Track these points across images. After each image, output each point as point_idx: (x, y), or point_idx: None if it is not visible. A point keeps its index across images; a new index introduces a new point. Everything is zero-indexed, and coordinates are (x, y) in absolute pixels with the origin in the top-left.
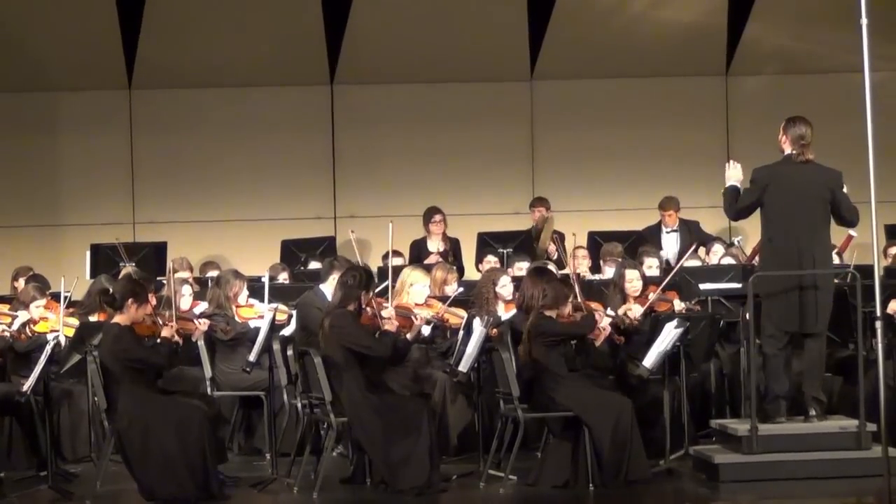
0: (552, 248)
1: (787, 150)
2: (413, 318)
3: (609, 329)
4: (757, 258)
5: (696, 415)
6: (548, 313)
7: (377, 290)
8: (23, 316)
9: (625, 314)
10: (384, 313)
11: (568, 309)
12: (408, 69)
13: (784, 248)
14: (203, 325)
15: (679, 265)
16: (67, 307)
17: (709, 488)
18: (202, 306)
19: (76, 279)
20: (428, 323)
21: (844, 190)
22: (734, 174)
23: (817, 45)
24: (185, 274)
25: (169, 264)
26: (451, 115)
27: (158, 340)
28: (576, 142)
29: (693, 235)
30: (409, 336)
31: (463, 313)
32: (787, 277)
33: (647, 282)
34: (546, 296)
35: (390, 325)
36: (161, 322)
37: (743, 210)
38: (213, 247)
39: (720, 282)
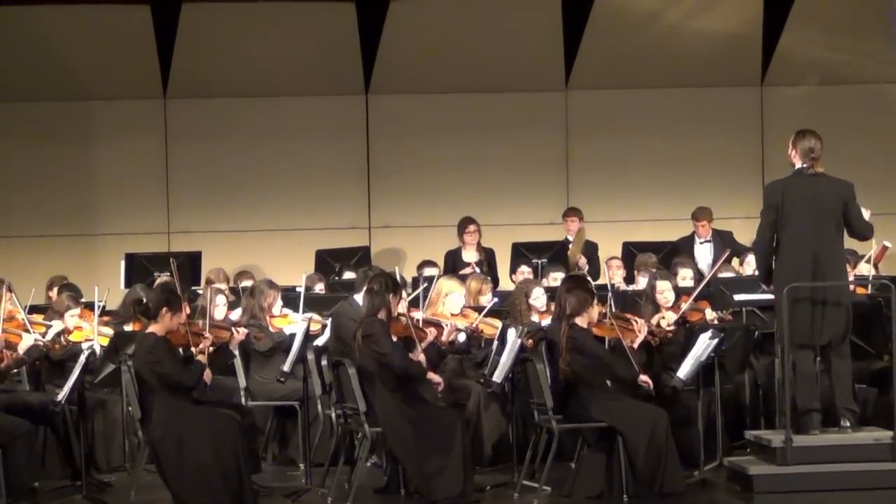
0: (582, 260)
1: (798, 163)
2: (445, 325)
3: (645, 333)
4: None
5: (730, 426)
6: (578, 321)
7: (409, 300)
8: (57, 325)
9: (657, 323)
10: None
11: (595, 312)
12: (442, 79)
13: (797, 261)
14: (241, 333)
15: (711, 274)
16: (102, 316)
17: (743, 499)
18: (236, 315)
19: (108, 290)
20: (459, 331)
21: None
22: None
23: (852, 55)
24: (221, 285)
25: (203, 275)
26: (486, 125)
27: (192, 357)
28: (610, 152)
29: (726, 246)
30: (442, 346)
31: (498, 323)
32: (800, 291)
33: (681, 293)
34: (569, 302)
35: (426, 335)
36: (194, 332)
37: (767, 232)
38: (247, 256)
39: (754, 293)
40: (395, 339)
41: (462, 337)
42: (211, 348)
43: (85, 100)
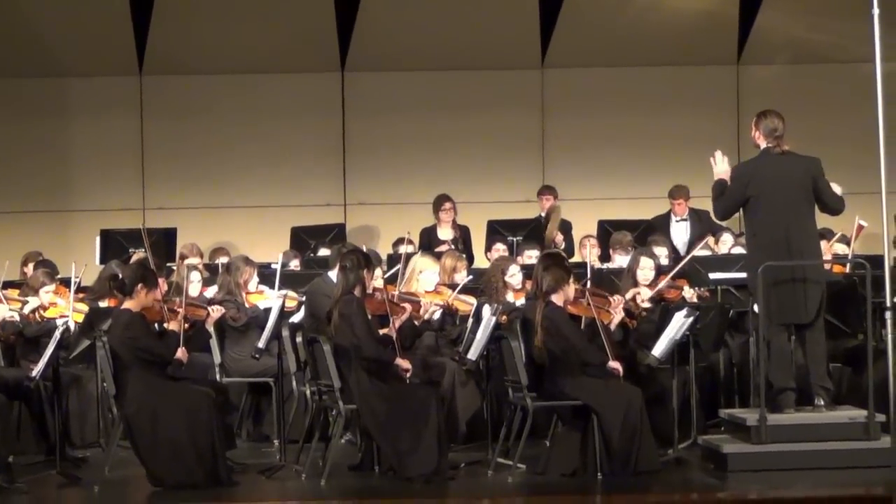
0: (559, 237)
1: (762, 144)
2: (423, 304)
3: (622, 312)
4: None
5: (704, 404)
6: (555, 299)
7: (387, 277)
8: (33, 302)
9: (633, 298)
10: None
11: (572, 290)
12: (418, 57)
13: (770, 241)
14: (217, 311)
15: (691, 254)
16: (77, 293)
17: (717, 478)
18: (211, 292)
19: (84, 266)
20: (439, 308)
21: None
22: (722, 168)
23: (829, 34)
24: (195, 260)
25: (178, 251)
26: (462, 103)
27: (166, 330)
28: (586, 130)
29: (703, 224)
30: (417, 323)
31: (472, 301)
32: (778, 270)
33: (658, 271)
34: (545, 280)
35: (402, 311)
36: (170, 308)
37: (730, 208)
38: (223, 233)
39: (730, 271)
40: (370, 315)
41: (438, 314)
42: (186, 325)
43: (61, 76)
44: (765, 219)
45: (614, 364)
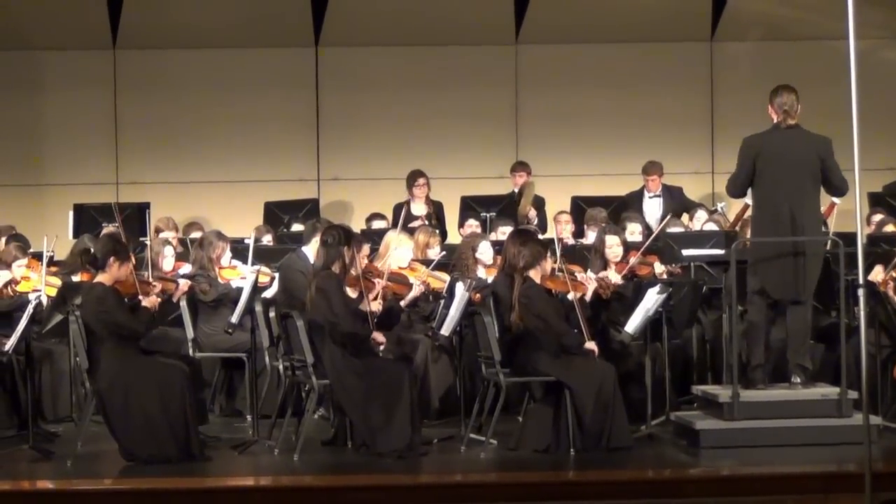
0: (532, 212)
1: (775, 118)
2: (408, 285)
3: (595, 283)
4: (740, 225)
5: (677, 381)
6: (532, 275)
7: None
8: (4, 276)
9: (604, 279)
10: (377, 281)
11: (549, 265)
12: (392, 32)
13: (774, 214)
14: (184, 285)
15: (659, 228)
16: (50, 267)
17: (689, 454)
18: (186, 268)
19: (56, 238)
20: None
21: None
22: None
23: (802, 11)
24: (170, 234)
25: (152, 224)
26: (436, 79)
27: (139, 304)
28: (560, 106)
29: (675, 201)
30: (403, 303)
31: (445, 277)
32: (779, 245)
33: (629, 247)
34: (523, 255)
35: (373, 285)
36: (143, 282)
37: (740, 182)
38: (197, 208)
39: (703, 247)
40: (349, 291)
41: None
42: (158, 298)
43: (33, 49)
44: (768, 192)
45: (590, 345)
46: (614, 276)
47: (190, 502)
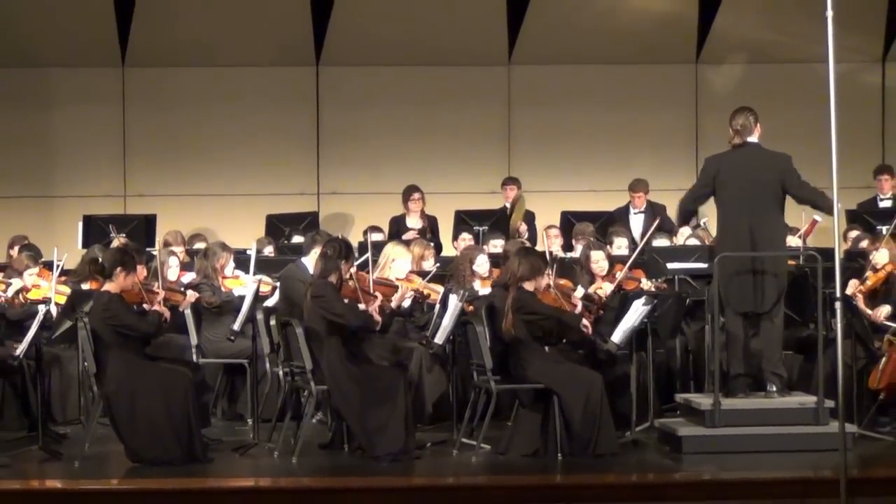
0: (523, 227)
1: (735, 139)
2: (397, 287)
3: (581, 306)
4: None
5: (661, 389)
6: (526, 286)
7: (358, 263)
8: (16, 284)
9: (595, 292)
10: (374, 290)
11: (545, 281)
12: (391, 52)
13: (735, 231)
14: (191, 296)
15: (644, 242)
16: (60, 276)
17: (672, 459)
18: (189, 277)
19: (64, 251)
20: (415, 294)
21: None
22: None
23: (784, 35)
24: (178, 248)
25: (161, 237)
26: (432, 97)
27: (147, 311)
28: (551, 125)
29: (655, 217)
30: (393, 304)
31: (440, 288)
32: (739, 260)
33: (615, 261)
34: (522, 266)
35: (373, 299)
36: (149, 291)
37: (689, 198)
38: (201, 220)
39: (687, 261)
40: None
41: (407, 301)
42: (166, 312)
43: (44, 66)
44: (728, 210)
45: (586, 322)
46: (608, 287)
47: (192, 502)
